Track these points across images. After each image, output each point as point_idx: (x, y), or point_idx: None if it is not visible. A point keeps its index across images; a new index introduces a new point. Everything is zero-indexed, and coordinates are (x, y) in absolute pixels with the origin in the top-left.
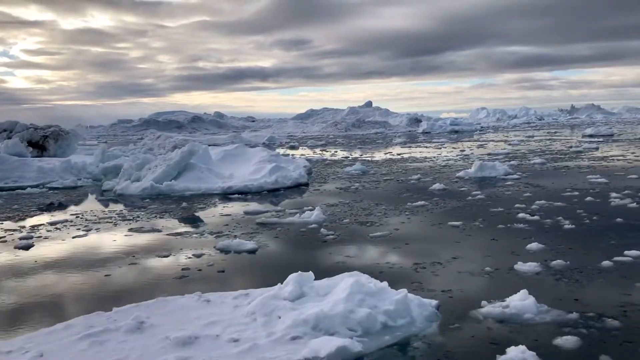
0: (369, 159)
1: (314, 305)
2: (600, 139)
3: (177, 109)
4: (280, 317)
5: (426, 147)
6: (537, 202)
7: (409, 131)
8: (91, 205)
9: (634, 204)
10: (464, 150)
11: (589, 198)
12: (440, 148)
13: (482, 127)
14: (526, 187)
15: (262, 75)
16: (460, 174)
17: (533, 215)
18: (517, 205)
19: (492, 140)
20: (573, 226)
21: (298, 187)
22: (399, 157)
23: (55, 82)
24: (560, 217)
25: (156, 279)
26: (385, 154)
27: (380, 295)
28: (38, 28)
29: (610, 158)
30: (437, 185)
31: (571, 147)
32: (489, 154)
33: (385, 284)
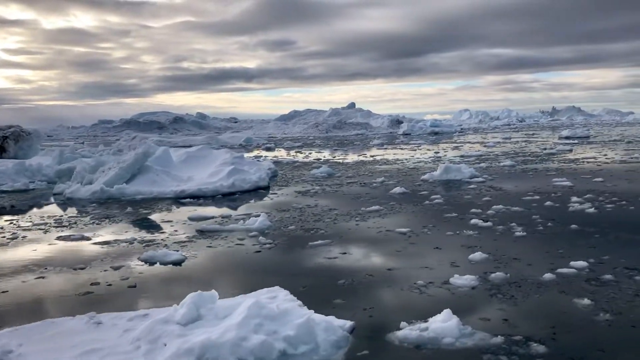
0: (341, 161)
1: (205, 331)
2: (576, 141)
3: (161, 109)
4: (165, 345)
5: (402, 148)
6: (495, 206)
7: (390, 132)
8: (33, 210)
9: (592, 209)
10: (438, 152)
11: (548, 202)
12: (416, 150)
13: (462, 128)
14: (487, 191)
15: (246, 76)
16: (425, 176)
17: (486, 221)
18: (473, 210)
19: (469, 142)
20: (524, 233)
21: (257, 191)
22: (371, 159)
23: (36, 82)
24: (513, 223)
25: (57, 296)
26: (359, 155)
27: (283, 318)
28: (19, 27)
29: (581, 160)
30: (397, 189)
31: (545, 149)
32: (461, 156)
33: (293, 304)
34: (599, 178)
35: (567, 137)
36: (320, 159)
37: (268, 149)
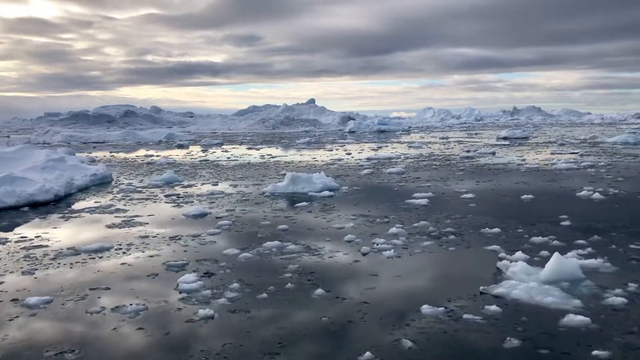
0: (225, 162)
1: None
2: (508, 142)
3: (126, 102)
4: None
5: (320, 148)
6: (266, 243)
7: (339, 130)
8: None
9: (390, 251)
10: (350, 153)
11: (358, 243)
12: (333, 150)
13: (410, 127)
14: (284, 218)
15: (212, 70)
16: (269, 188)
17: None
18: (223, 253)
19: (401, 142)
20: (254, 294)
21: (20, 209)
22: (265, 160)
23: None
24: (258, 277)
25: None
26: (263, 157)
27: None
28: None
29: (490, 167)
30: (191, 209)
31: (469, 151)
32: (367, 159)
33: None
34: (467, 195)
35: (504, 138)
36: (198, 159)
37: (180, 147)
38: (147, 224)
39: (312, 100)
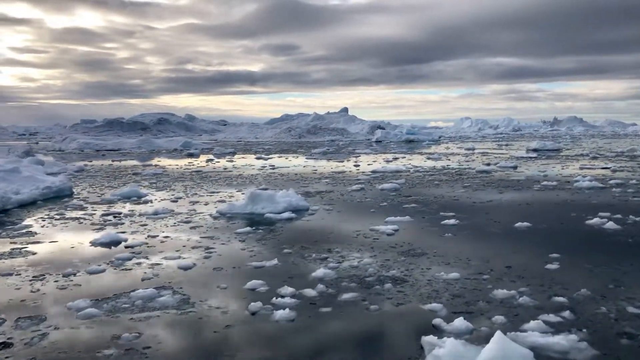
0: (213, 174)
1: None
2: (535, 155)
3: (166, 110)
4: None
5: (335, 159)
6: (134, 292)
7: (366, 139)
8: None
9: (324, 287)
10: (359, 165)
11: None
12: (344, 161)
13: (440, 137)
14: (203, 251)
15: (250, 79)
16: (224, 207)
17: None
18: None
19: (422, 154)
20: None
21: None
22: (262, 171)
23: (41, 80)
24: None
25: None
26: (262, 168)
27: None
28: (25, 26)
29: (497, 184)
30: (100, 236)
31: (489, 164)
32: (372, 171)
33: None
34: (454, 220)
35: (533, 150)
36: (191, 170)
37: (190, 155)
38: (34, 254)
39: (344, 109)
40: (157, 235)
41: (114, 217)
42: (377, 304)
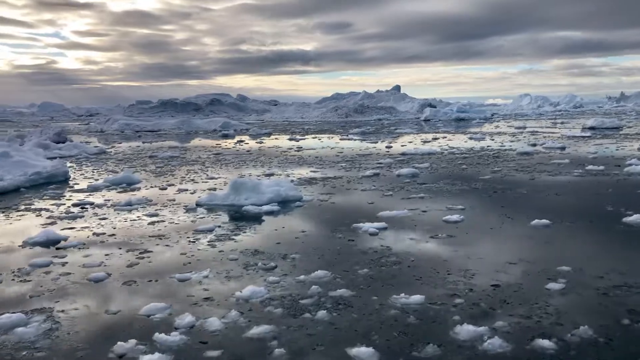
0: (232, 156)
1: None
2: (589, 134)
3: (222, 91)
4: None
5: (368, 140)
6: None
7: (415, 118)
8: None
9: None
10: (391, 147)
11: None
12: (378, 142)
13: (493, 115)
14: (220, 240)
15: (304, 58)
16: (204, 198)
17: None
18: None
19: (465, 133)
20: None
21: None
22: (282, 154)
23: (103, 63)
24: None
25: None
26: (287, 150)
27: None
28: (87, 10)
29: (534, 169)
30: (36, 235)
31: (534, 144)
32: (402, 153)
33: None
34: (457, 216)
35: (590, 128)
36: (213, 152)
37: (224, 137)
38: None
39: (397, 87)
40: (104, 233)
41: (82, 208)
42: (287, 346)
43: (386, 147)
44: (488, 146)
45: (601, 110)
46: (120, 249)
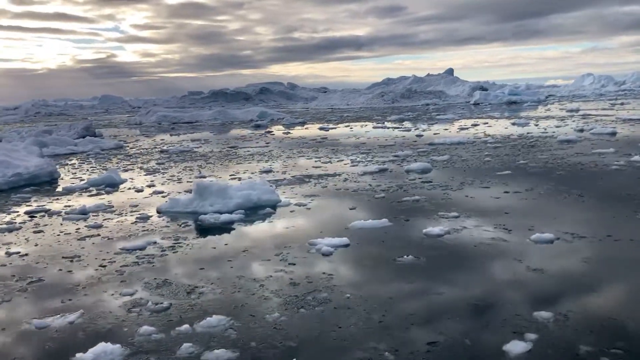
0: (241, 152)
1: None
2: None
3: (275, 80)
4: None
5: (401, 128)
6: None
7: (465, 102)
8: None
9: None
10: (422, 135)
11: None
12: (411, 130)
13: (547, 97)
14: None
15: (356, 44)
16: (163, 205)
17: None
18: None
19: (509, 118)
20: None
21: None
22: (303, 144)
23: (160, 55)
24: None
25: None
26: (309, 141)
27: None
28: (145, 3)
29: (570, 162)
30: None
31: (582, 130)
32: (429, 144)
33: None
34: (443, 233)
35: None
36: (227, 146)
37: (256, 127)
38: None
39: (449, 71)
40: (18, 252)
41: (31, 217)
42: None
43: (417, 135)
44: (528, 133)
45: None
46: (13, 276)
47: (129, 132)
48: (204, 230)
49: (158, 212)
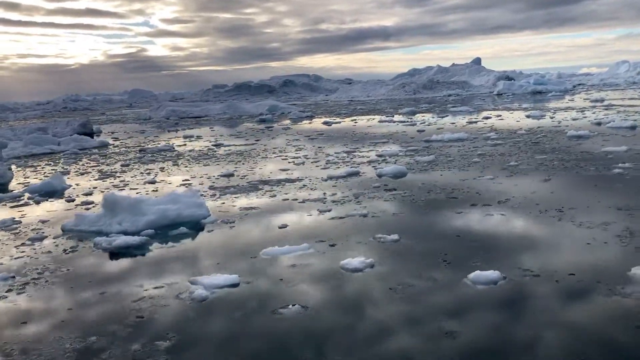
0: (220, 152)
1: None
2: None
3: (302, 72)
4: None
5: (408, 123)
6: None
7: (489, 92)
8: None
9: None
10: (423, 130)
11: None
12: (416, 123)
13: (575, 86)
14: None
15: (384, 34)
16: (68, 222)
17: None
18: None
19: (526, 109)
20: None
21: None
22: (296, 143)
23: (189, 49)
24: None
25: None
26: (302, 137)
27: None
28: None
29: (562, 160)
30: None
31: (600, 123)
32: (425, 140)
33: None
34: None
35: None
36: (210, 144)
37: (262, 122)
38: None
39: (477, 60)
40: None
41: None
42: None
43: (418, 130)
44: (539, 127)
45: None
46: None
47: (132, 127)
48: (90, 258)
49: (62, 230)
